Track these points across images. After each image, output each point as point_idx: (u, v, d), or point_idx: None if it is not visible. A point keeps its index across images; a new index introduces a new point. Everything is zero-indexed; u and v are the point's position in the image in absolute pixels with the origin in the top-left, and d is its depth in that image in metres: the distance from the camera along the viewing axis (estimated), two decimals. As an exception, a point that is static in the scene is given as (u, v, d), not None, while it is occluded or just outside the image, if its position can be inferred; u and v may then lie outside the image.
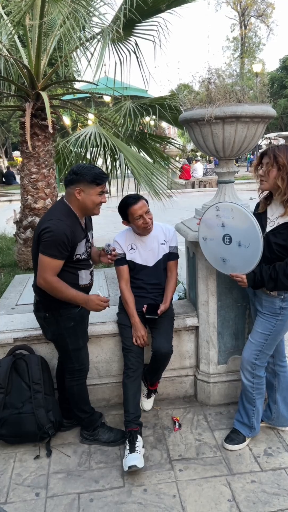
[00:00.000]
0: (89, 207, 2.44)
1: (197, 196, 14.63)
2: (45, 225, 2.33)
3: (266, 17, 38.65)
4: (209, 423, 2.90)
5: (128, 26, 4.56)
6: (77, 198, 2.40)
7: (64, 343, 2.55)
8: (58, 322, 2.50)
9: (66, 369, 2.65)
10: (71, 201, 2.43)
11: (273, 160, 2.26)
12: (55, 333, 2.55)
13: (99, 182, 2.39)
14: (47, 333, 2.63)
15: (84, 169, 2.38)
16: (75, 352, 2.58)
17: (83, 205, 2.42)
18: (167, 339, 2.76)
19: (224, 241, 2.47)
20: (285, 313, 2.45)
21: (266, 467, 2.49)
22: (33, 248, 2.45)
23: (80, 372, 2.64)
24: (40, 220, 2.47)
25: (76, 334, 2.56)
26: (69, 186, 2.42)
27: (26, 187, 5.09)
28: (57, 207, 2.48)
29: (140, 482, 2.40)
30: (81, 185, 2.37)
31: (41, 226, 2.36)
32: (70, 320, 2.51)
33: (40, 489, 2.38)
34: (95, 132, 4.20)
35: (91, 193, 2.39)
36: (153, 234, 2.87)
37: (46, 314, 2.51)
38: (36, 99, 4.88)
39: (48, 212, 2.49)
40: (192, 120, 2.63)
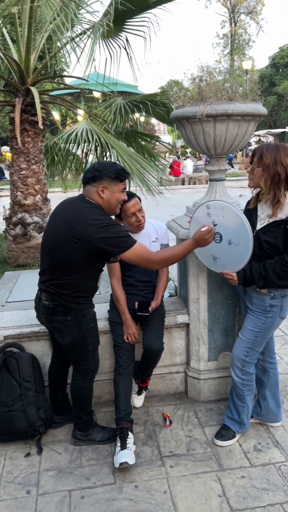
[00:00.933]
0: (113, 205, 2.35)
1: (187, 193, 14.66)
2: (105, 233, 2.18)
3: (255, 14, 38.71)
4: (199, 420, 2.92)
5: (119, 21, 4.54)
6: (101, 196, 2.29)
7: (85, 344, 2.48)
8: (81, 324, 2.41)
9: (78, 371, 2.58)
10: (95, 199, 2.31)
11: (259, 160, 2.28)
12: (76, 336, 2.42)
13: (122, 178, 2.32)
14: (65, 338, 2.44)
15: (106, 166, 2.29)
16: (93, 352, 2.54)
17: (107, 203, 2.31)
18: (158, 336, 2.78)
19: (214, 239, 2.48)
20: (275, 311, 2.47)
21: (255, 463, 2.52)
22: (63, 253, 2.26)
23: (93, 373, 2.62)
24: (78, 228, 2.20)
25: (96, 334, 2.54)
26: (90, 184, 2.31)
27: (16, 183, 5.06)
28: (87, 206, 2.29)
29: (131, 479, 2.42)
30: (104, 182, 2.28)
31: (95, 237, 2.18)
32: (91, 321, 2.48)
33: (31, 486, 2.38)
34: (87, 128, 4.19)
35: (114, 190, 2.31)
36: (145, 231, 2.87)
37: (67, 317, 2.38)
38: (26, 95, 4.84)
39: (77, 214, 2.26)
40: (183, 118, 2.63)
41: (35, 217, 5.16)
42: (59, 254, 2.28)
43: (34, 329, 2.88)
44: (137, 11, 4.61)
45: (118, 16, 4.42)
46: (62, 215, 2.35)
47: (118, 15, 4.38)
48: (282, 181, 2.26)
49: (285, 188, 2.29)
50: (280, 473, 2.43)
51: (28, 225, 5.08)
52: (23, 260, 5.18)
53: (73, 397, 2.65)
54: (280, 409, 2.83)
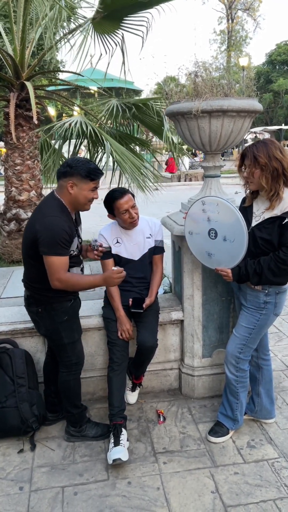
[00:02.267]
0: (81, 202, 2.38)
1: (182, 189, 14.64)
2: (42, 225, 2.25)
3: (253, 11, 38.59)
4: (193, 416, 2.92)
5: (116, 18, 4.50)
6: (69, 192, 2.33)
7: (59, 337, 2.50)
8: (52, 316, 2.46)
9: (62, 364, 2.60)
10: (62, 195, 2.36)
11: (254, 161, 2.27)
12: (49, 327, 2.50)
13: (93, 177, 2.33)
14: (40, 328, 2.57)
15: (78, 163, 2.30)
16: (70, 346, 2.55)
17: (74, 200, 2.36)
18: (152, 333, 2.77)
19: (209, 236, 2.47)
20: (269, 307, 2.47)
21: (249, 459, 2.52)
22: (25, 246, 2.37)
23: (77, 366, 2.61)
24: (32, 219, 2.36)
25: (71, 328, 2.53)
26: (61, 179, 2.34)
27: (10, 179, 5.03)
28: (49, 203, 2.38)
29: (125, 475, 2.41)
30: (74, 179, 2.30)
31: (35, 226, 2.27)
32: (63, 314, 2.48)
33: (24, 483, 2.38)
34: (81, 120, 4.16)
35: (84, 188, 2.33)
36: (138, 228, 2.86)
37: (38, 309, 2.46)
38: (20, 89, 4.80)
39: (40, 210, 2.38)
40: (178, 114, 2.62)
41: (30, 213, 5.13)
42: (24, 245, 2.41)
43: (28, 325, 2.86)
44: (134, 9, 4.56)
45: (114, 12, 4.38)
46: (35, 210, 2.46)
47: (114, 11, 4.34)
48: (281, 175, 2.26)
49: (284, 182, 2.29)
50: (273, 470, 2.43)
51: (23, 221, 5.05)
52: (17, 256, 5.15)
53: (60, 389, 2.66)
54: (273, 406, 2.83)
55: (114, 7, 4.24)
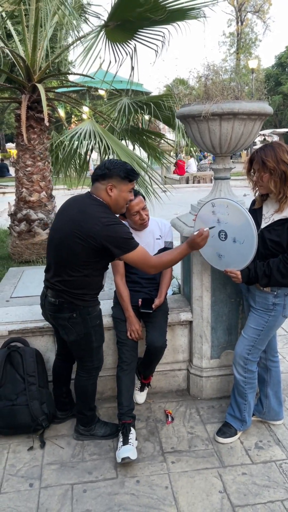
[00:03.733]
0: (120, 204, 2.36)
1: (191, 191, 14.64)
2: (110, 232, 2.20)
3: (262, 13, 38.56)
4: (201, 417, 2.93)
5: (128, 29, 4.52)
6: (109, 195, 2.30)
7: (90, 341, 2.49)
8: (86, 321, 2.42)
9: (83, 368, 2.59)
10: (103, 197, 2.32)
11: (262, 166, 2.28)
12: (81, 333, 2.43)
13: (132, 178, 2.33)
14: (70, 334, 2.45)
15: (116, 165, 2.30)
16: (97, 349, 2.56)
17: (114, 202, 2.33)
18: (161, 333, 2.79)
19: (219, 237, 2.49)
20: (278, 309, 2.48)
21: (256, 460, 2.53)
22: (68, 250, 2.27)
23: (97, 370, 2.64)
24: (83, 225, 2.23)
25: (101, 331, 2.56)
26: (99, 181, 2.32)
27: (21, 180, 5.08)
28: (94, 204, 2.30)
29: (133, 474, 2.44)
30: (114, 181, 2.29)
31: (100, 235, 2.20)
32: (97, 318, 2.50)
33: (33, 480, 2.41)
34: (90, 129, 4.20)
35: (123, 190, 2.32)
36: (148, 229, 2.89)
37: (72, 315, 2.39)
38: (32, 92, 4.86)
39: (84, 213, 2.27)
40: (189, 116, 2.64)
41: (40, 213, 5.19)
42: (65, 250, 2.29)
43: (38, 325, 2.90)
44: (147, 22, 4.55)
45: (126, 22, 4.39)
46: (69, 212, 2.36)
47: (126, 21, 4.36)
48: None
49: None
50: (281, 471, 2.44)
51: (33, 222, 5.11)
52: (27, 256, 5.20)
53: (76, 393, 2.67)
54: (282, 407, 2.84)
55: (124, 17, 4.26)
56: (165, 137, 5.82)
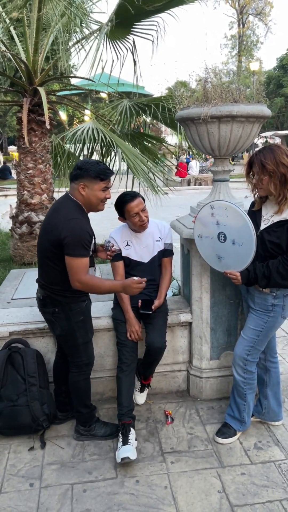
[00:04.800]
0: (94, 203, 2.43)
1: (192, 194, 14.66)
2: (67, 228, 2.29)
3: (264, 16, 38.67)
4: (201, 417, 2.95)
5: (127, 24, 4.58)
6: (81, 194, 2.39)
7: (74, 337, 2.55)
8: (69, 316, 2.50)
9: (73, 364, 2.64)
10: (76, 197, 2.43)
11: (262, 168, 2.30)
12: (65, 328, 2.53)
13: (103, 177, 2.38)
14: (55, 329, 2.59)
15: (88, 164, 2.37)
16: (83, 346, 2.60)
17: (87, 201, 2.42)
18: (160, 334, 2.81)
19: (219, 239, 2.51)
20: (277, 310, 2.50)
21: (255, 460, 2.55)
22: (45, 249, 2.41)
23: (87, 366, 2.67)
24: (52, 222, 2.38)
25: (85, 328, 2.59)
26: (73, 181, 2.41)
27: (23, 182, 5.11)
28: (67, 204, 2.43)
29: (133, 474, 2.45)
30: (85, 180, 2.36)
31: (59, 229, 2.31)
32: (79, 314, 2.54)
33: (34, 479, 2.43)
34: (93, 127, 4.22)
35: (94, 189, 2.38)
36: (148, 230, 2.91)
37: (55, 310, 2.50)
38: (33, 95, 4.89)
39: (59, 212, 2.41)
40: (188, 119, 2.67)
41: (41, 216, 5.20)
42: (43, 247, 2.43)
43: (39, 326, 2.92)
44: (145, 15, 4.64)
45: (126, 19, 4.46)
46: (48, 212, 2.52)
47: (126, 18, 4.42)
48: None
49: None
50: (280, 471, 2.45)
51: (34, 224, 5.13)
52: (28, 259, 5.22)
53: (71, 389, 2.71)
54: (281, 408, 2.85)
55: (126, 14, 4.31)
56: (165, 142, 5.84)
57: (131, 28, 4.76)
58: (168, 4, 4.49)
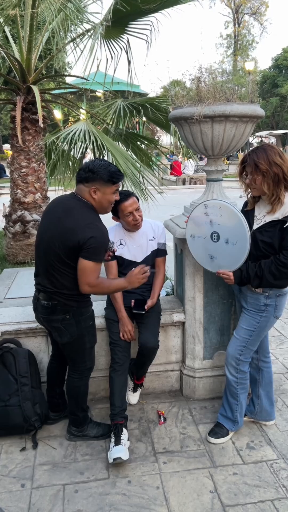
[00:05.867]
0: (105, 206, 2.37)
1: (187, 193, 14.67)
2: (90, 231, 2.21)
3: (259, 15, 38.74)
4: (193, 417, 2.95)
5: (121, 23, 4.57)
6: (93, 198, 2.31)
7: (82, 342, 2.50)
8: (79, 322, 2.43)
9: (75, 369, 2.60)
10: (87, 199, 2.33)
11: (255, 168, 2.30)
12: (74, 334, 2.43)
13: (115, 181, 2.32)
14: (63, 336, 2.44)
15: (100, 167, 2.28)
16: (89, 350, 2.57)
17: (98, 204, 2.34)
18: (153, 334, 2.80)
19: (212, 239, 2.51)
20: (270, 310, 2.50)
21: (248, 460, 2.55)
22: (57, 251, 2.27)
23: (89, 371, 2.65)
24: (66, 225, 2.25)
25: (93, 332, 2.57)
26: (83, 183, 2.32)
27: (16, 181, 5.09)
28: (81, 207, 2.31)
29: (125, 474, 2.45)
30: (97, 184, 2.29)
31: (78, 232, 2.21)
32: (89, 319, 2.51)
33: (25, 480, 2.41)
34: (85, 129, 4.21)
35: (107, 192, 2.32)
36: (142, 230, 2.90)
37: (66, 316, 2.40)
38: (27, 93, 4.87)
39: (73, 215, 2.28)
40: (181, 118, 2.66)
41: (35, 215, 5.19)
42: (54, 251, 2.29)
43: (31, 326, 2.91)
44: (140, 14, 4.63)
45: (121, 18, 4.45)
46: (54, 213, 2.37)
47: (120, 17, 4.41)
48: (281, 180, 2.30)
49: (284, 187, 2.32)
50: (271, 471, 2.46)
51: (28, 223, 5.11)
52: (22, 258, 5.21)
53: (68, 394, 2.68)
54: (273, 407, 2.85)
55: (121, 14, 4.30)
56: (159, 144, 5.83)
57: (126, 27, 4.75)
58: (164, 4, 4.48)
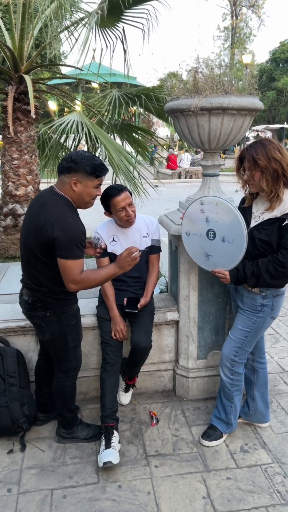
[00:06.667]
0: (85, 200, 2.24)
1: (183, 187, 14.58)
2: (59, 228, 2.08)
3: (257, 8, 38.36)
4: (186, 419, 2.88)
5: (116, 12, 4.43)
6: (73, 189, 2.20)
7: (65, 340, 2.40)
8: (61, 320, 2.34)
9: (60, 369, 2.51)
10: (65, 191, 2.21)
11: (253, 164, 2.21)
12: (56, 332, 2.35)
13: (99, 174, 2.20)
14: (45, 334, 2.38)
15: (84, 158, 2.15)
16: (73, 349, 2.47)
17: (78, 197, 2.21)
18: (146, 334, 2.72)
19: (208, 236, 2.42)
20: (266, 310, 2.42)
21: (242, 464, 2.48)
22: (33, 251, 2.19)
23: (75, 370, 2.55)
24: (39, 220, 2.14)
25: (77, 331, 2.46)
26: (64, 174, 2.19)
27: (7, 173, 4.97)
28: (54, 201, 2.19)
29: (115, 478, 2.37)
30: (79, 175, 2.16)
31: (49, 229, 2.09)
32: (72, 317, 2.40)
33: (12, 484, 2.33)
34: (78, 120, 4.08)
35: (88, 185, 2.19)
36: (135, 226, 2.80)
37: (46, 313, 2.31)
38: (19, 83, 4.73)
39: (46, 209, 2.17)
40: (177, 110, 2.56)
41: (26, 208, 5.08)
42: (30, 247, 2.22)
43: (20, 324, 2.81)
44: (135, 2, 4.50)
45: (116, 6, 4.32)
46: (32, 209, 2.28)
47: (116, 5, 4.28)
48: (281, 176, 2.21)
49: (284, 183, 2.23)
50: (266, 475, 2.39)
51: (19, 216, 5.00)
52: (13, 252, 5.09)
53: (55, 394, 2.59)
54: (268, 409, 2.79)
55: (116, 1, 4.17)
56: (154, 135, 5.71)
57: (121, 15, 4.62)
58: None
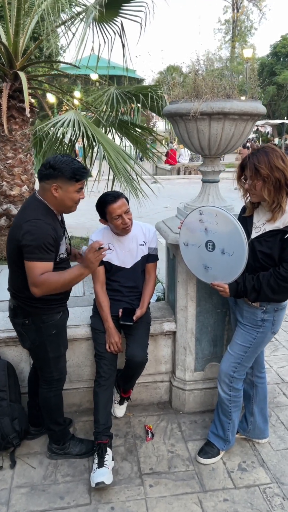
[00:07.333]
0: (68, 205, 2.19)
1: (182, 183, 14.42)
2: (24, 229, 2.05)
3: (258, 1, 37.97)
4: (183, 433, 2.78)
5: (114, 6, 4.29)
6: (54, 196, 2.14)
7: (45, 351, 2.33)
8: (40, 329, 2.27)
9: (43, 379, 2.44)
10: (46, 198, 2.17)
11: (255, 173, 2.09)
12: (35, 341, 2.31)
13: (79, 178, 2.13)
14: (25, 342, 2.36)
15: (62, 163, 2.09)
16: (54, 360, 2.38)
17: (60, 203, 2.17)
18: (142, 347, 2.62)
19: (207, 248, 2.31)
20: (267, 325, 2.32)
21: (239, 484, 2.39)
22: (9, 252, 2.18)
23: (58, 382, 2.46)
24: (14, 223, 2.16)
25: (57, 341, 2.37)
26: (44, 181, 2.14)
27: (2, 173, 4.84)
28: (32, 205, 2.18)
29: (108, 499, 2.28)
30: (59, 181, 2.11)
31: (18, 230, 2.08)
32: (52, 327, 2.30)
33: (1, 505, 2.24)
34: (75, 119, 3.95)
35: (69, 190, 2.14)
36: (132, 234, 2.69)
37: (25, 321, 2.27)
38: (14, 79, 4.59)
39: (22, 213, 2.18)
40: (176, 114, 2.44)
41: (22, 208, 4.97)
42: (8, 251, 2.21)
43: (12, 334, 2.71)
44: None
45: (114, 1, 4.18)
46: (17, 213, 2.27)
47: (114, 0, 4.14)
48: (283, 186, 2.10)
49: (286, 193, 2.13)
50: (264, 497, 2.31)
51: (13, 217, 4.88)
52: (8, 253, 4.99)
53: (41, 405, 2.51)
54: (267, 425, 2.70)
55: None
56: (154, 132, 5.58)
57: (119, 9, 4.47)
58: None
